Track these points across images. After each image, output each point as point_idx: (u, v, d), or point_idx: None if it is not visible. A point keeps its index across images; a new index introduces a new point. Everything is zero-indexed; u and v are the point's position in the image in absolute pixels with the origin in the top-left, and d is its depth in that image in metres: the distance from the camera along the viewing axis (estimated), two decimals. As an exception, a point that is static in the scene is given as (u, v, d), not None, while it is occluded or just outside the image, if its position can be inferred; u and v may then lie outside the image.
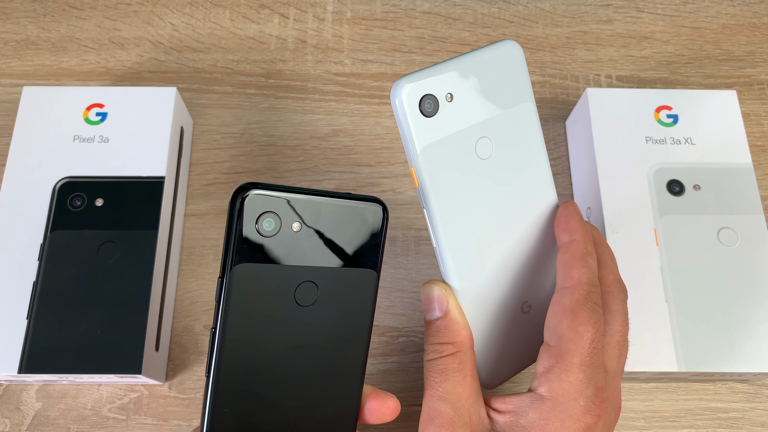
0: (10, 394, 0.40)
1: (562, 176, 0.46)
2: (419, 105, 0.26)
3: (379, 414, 0.29)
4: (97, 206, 0.39)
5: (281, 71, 0.50)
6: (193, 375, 0.41)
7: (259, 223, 0.25)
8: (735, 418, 0.40)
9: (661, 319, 0.37)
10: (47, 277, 0.37)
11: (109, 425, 0.39)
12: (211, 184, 0.46)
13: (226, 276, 0.25)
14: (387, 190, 0.46)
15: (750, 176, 0.40)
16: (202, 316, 0.42)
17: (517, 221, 0.30)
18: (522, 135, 0.29)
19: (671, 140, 0.42)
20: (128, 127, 0.42)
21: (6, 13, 0.51)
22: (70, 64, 0.49)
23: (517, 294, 0.31)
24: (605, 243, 0.32)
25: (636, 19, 0.52)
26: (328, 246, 0.26)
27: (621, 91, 0.43)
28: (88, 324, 0.36)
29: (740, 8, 0.53)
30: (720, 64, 0.51)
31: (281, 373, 0.26)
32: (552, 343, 0.28)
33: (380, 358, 0.41)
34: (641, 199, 0.40)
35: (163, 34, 0.51)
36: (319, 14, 0.52)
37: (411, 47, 0.51)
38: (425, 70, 0.26)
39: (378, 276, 0.27)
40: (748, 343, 0.36)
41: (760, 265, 0.38)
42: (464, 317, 0.29)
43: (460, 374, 0.28)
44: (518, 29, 0.52)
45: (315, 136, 0.47)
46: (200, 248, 0.44)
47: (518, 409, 0.28)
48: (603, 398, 0.28)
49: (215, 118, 0.48)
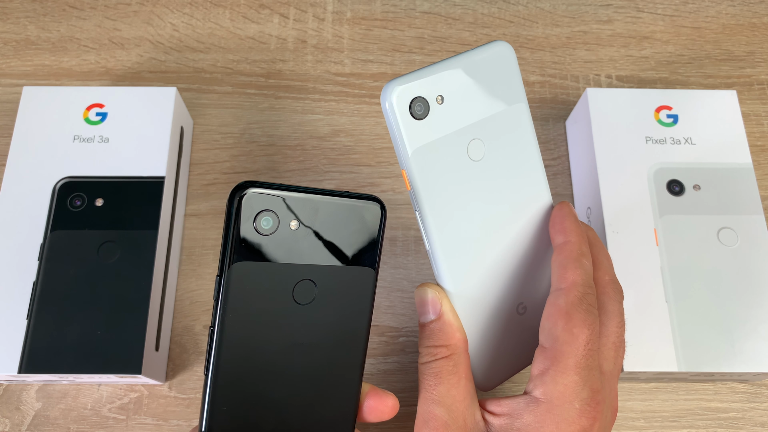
0: (10, 394, 0.40)
1: (562, 176, 0.46)
2: (409, 108, 0.26)
3: (377, 412, 0.29)
4: (97, 206, 0.39)
5: (281, 71, 0.50)
6: (193, 375, 0.41)
7: (257, 222, 0.25)
8: (735, 418, 0.40)
9: (661, 319, 0.37)
10: (47, 277, 0.37)
11: (109, 425, 0.39)
12: (211, 184, 0.46)
13: (224, 274, 0.25)
14: (387, 190, 0.46)
15: (750, 176, 0.40)
16: (202, 316, 0.42)
17: (511, 223, 0.30)
18: (515, 136, 0.29)
19: (671, 140, 0.42)
20: (128, 127, 0.42)
21: (6, 13, 0.51)
22: (70, 64, 0.49)
23: (512, 296, 0.31)
24: (600, 243, 0.32)
25: (636, 19, 0.52)
26: (327, 244, 0.26)
27: (621, 91, 0.43)
28: (88, 324, 0.36)
29: (740, 8, 0.53)
30: (720, 64, 0.51)
31: (280, 371, 0.26)
32: (547, 345, 0.28)
33: (380, 358, 0.41)
34: (641, 199, 0.40)
35: (163, 34, 0.51)
36: (319, 14, 0.52)
37: (411, 47, 0.51)
38: (415, 72, 0.26)
39: (376, 274, 0.27)
40: (748, 343, 0.36)
41: (760, 265, 0.38)
42: (458, 320, 0.29)
43: (454, 377, 0.28)
44: (518, 29, 0.52)
45: (315, 136, 0.47)
46: (200, 248, 0.44)
47: (513, 411, 0.28)
48: (599, 400, 0.27)
49: (215, 118, 0.48)
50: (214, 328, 0.25)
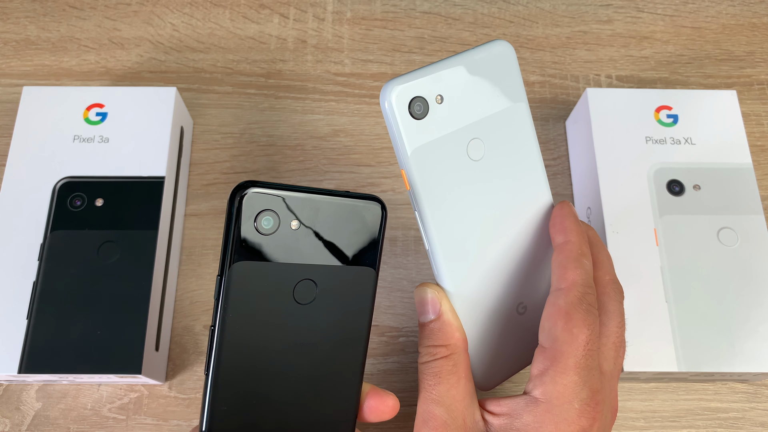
0: (10, 394, 0.40)
1: (562, 176, 0.46)
2: (409, 107, 0.26)
3: (378, 412, 0.29)
4: (97, 206, 0.39)
5: (281, 71, 0.50)
6: (193, 375, 0.41)
7: (257, 222, 0.25)
8: (735, 418, 0.40)
9: (661, 319, 0.37)
10: (47, 277, 0.37)
11: (109, 425, 0.39)
12: (211, 184, 0.46)
13: (225, 274, 0.25)
14: (387, 190, 0.46)
15: (750, 176, 0.40)
16: (202, 316, 0.42)
17: (512, 222, 0.30)
18: (515, 135, 0.29)
19: (671, 140, 0.42)
20: (128, 127, 0.42)
21: (6, 13, 0.51)
22: (70, 64, 0.49)
23: (512, 295, 0.31)
24: (601, 243, 0.32)
25: (636, 19, 0.52)
26: (327, 244, 0.26)
27: (621, 91, 0.43)
28: (88, 324, 0.36)
29: (740, 8, 0.53)
30: (720, 64, 0.51)
31: (280, 371, 0.26)
32: (546, 345, 0.28)
33: (380, 358, 0.41)
34: (641, 199, 0.40)
35: (163, 34, 0.51)
36: (319, 14, 0.52)
37: (411, 47, 0.51)
38: (415, 72, 0.26)
39: (377, 274, 0.27)
40: (748, 343, 0.36)
41: (760, 265, 0.38)
42: (458, 319, 0.29)
43: (454, 377, 0.28)
44: (518, 29, 0.52)
45: (315, 136, 0.47)
46: (200, 248, 0.44)
47: (513, 411, 0.28)
48: (598, 400, 0.27)
49: (215, 118, 0.48)
50: (215, 328, 0.25)
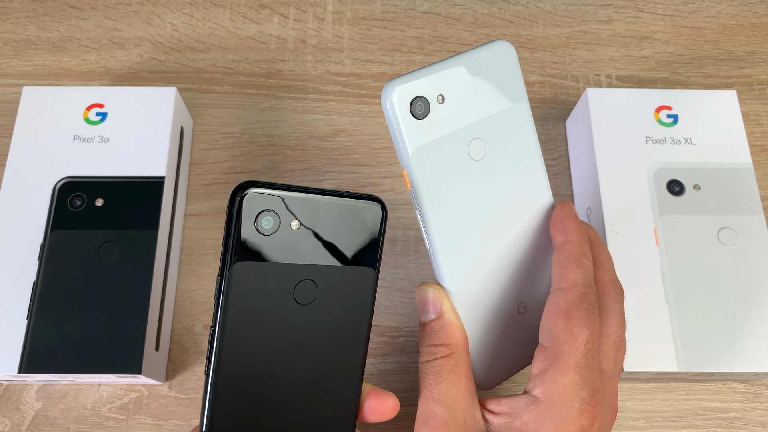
0: (10, 394, 0.40)
1: (562, 176, 0.46)
2: (410, 107, 0.26)
3: (378, 412, 0.29)
4: (97, 206, 0.39)
5: (281, 71, 0.50)
6: (193, 375, 0.41)
7: (258, 222, 0.25)
8: (735, 418, 0.40)
9: (661, 319, 0.37)
10: (47, 277, 0.37)
11: (109, 425, 0.39)
12: (211, 184, 0.46)
13: (225, 274, 0.25)
14: (387, 190, 0.46)
15: (750, 176, 0.40)
16: (202, 316, 0.42)
17: (512, 222, 0.30)
18: (516, 135, 0.29)
19: (671, 140, 0.42)
20: (128, 127, 0.42)
21: (6, 13, 0.51)
22: (70, 64, 0.49)
23: (513, 295, 0.31)
24: (601, 243, 0.32)
25: (636, 19, 0.52)
26: (327, 244, 0.26)
27: (621, 91, 0.43)
28: (88, 324, 0.36)
29: (740, 8, 0.53)
30: (720, 64, 0.51)
31: (280, 371, 0.26)
32: (547, 344, 0.28)
33: (380, 358, 0.41)
34: (641, 199, 0.40)
35: (163, 34, 0.51)
36: (319, 14, 0.52)
37: (411, 47, 0.51)
38: (416, 72, 0.26)
39: (377, 274, 0.27)
40: (748, 343, 0.36)
41: (760, 265, 0.38)
42: (458, 319, 0.29)
43: (454, 376, 0.28)
44: (518, 29, 0.52)
45: (315, 136, 0.47)
46: (200, 248, 0.44)
47: (513, 410, 0.28)
48: (598, 400, 0.27)
49: (215, 118, 0.48)
50: (215, 328, 0.25)
